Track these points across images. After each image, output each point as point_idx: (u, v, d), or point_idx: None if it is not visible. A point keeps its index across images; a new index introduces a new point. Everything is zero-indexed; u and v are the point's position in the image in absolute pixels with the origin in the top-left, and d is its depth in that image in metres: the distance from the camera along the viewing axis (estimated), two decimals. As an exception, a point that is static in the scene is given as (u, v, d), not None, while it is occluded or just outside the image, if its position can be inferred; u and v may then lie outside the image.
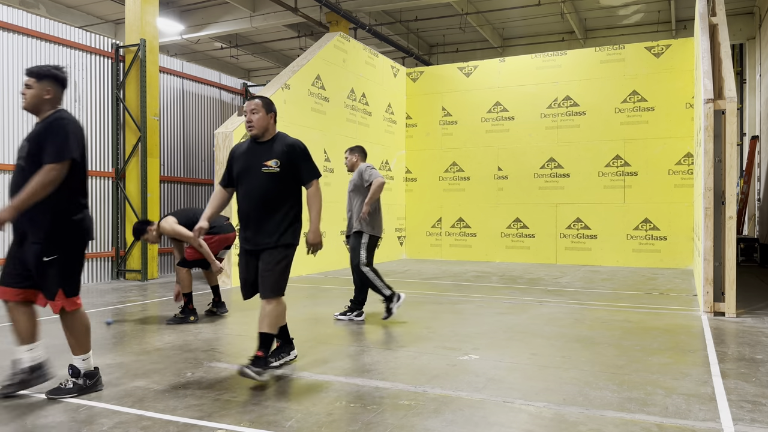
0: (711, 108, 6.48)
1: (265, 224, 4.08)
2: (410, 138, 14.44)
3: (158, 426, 3.18)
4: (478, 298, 7.85)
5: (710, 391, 3.80)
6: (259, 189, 4.08)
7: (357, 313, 6.29)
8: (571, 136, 12.77)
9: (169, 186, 11.21)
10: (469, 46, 18.85)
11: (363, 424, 3.20)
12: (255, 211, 4.10)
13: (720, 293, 6.48)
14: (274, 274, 4.02)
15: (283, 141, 4.19)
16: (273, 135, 4.23)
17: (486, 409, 3.45)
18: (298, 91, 10.54)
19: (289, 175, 4.12)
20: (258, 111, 4.15)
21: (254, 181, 4.10)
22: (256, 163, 4.11)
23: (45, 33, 8.95)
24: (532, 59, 13.30)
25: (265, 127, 4.17)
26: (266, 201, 4.08)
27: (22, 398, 3.65)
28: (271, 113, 4.21)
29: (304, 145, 4.23)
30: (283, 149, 4.13)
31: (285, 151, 4.13)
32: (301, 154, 4.17)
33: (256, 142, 4.22)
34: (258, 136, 4.18)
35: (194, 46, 18.22)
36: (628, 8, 15.68)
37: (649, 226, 12.09)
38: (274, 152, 4.12)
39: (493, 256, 13.40)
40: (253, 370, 3.85)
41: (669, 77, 12.02)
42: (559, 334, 5.52)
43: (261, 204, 4.08)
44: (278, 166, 4.08)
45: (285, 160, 4.11)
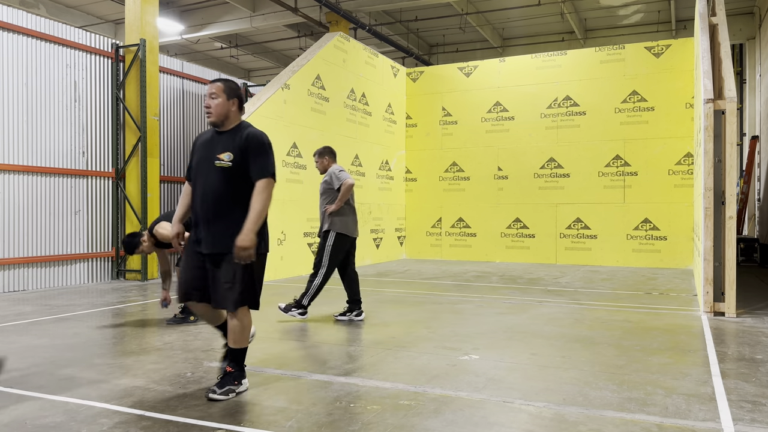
0: (711, 108, 6.48)
1: (217, 227, 3.60)
2: (410, 138, 14.44)
3: (158, 426, 3.18)
4: (478, 298, 7.85)
5: (710, 391, 3.79)
6: (211, 185, 3.61)
7: (356, 313, 6.30)
8: (571, 136, 12.77)
9: (169, 186, 11.21)
10: (469, 46, 18.86)
11: (363, 424, 3.20)
12: (206, 210, 3.64)
13: (720, 293, 6.48)
14: (235, 286, 3.56)
15: (242, 132, 3.66)
16: (235, 124, 3.71)
17: (486, 409, 3.45)
18: (298, 91, 10.54)
19: (244, 171, 3.61)
20: (217, 96, 3.66)
21: (207, 176, 3.63)
22: (211, 155, 3.64)
23: (45, 33, 8.94)
24: (532, 59, 13.30)
25: (224, 114, 3.66)
26: (218, 200, 3.61)
27: (22, 398, 3.65)
28: (233, 99, 3.69)
29: (264, 139, 3.67)
30: (239, 141, 3.61)
31: (241, 144, 3.61)
32: (256, 147, 3.62)
33: (217, 132, 3.73)
34: (217, 124, 3.69)
35: (194, 46, 18.22)
36: (628, 8, 15.68)
37: (649, 226, 12.09)
38: (230, 144, 3.62)
39: (493, 256, 13.40)
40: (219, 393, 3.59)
41: (669, 77, 12.02)
42: (559, 334, 5.52)
43: (213, 203, 3.62)
44: (231, 161, 3.58)
45: (239, 154, 3.60)
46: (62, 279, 9.14)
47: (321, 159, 6.33)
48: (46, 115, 9.00)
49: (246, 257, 3.48)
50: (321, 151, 6.37)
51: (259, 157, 3.62)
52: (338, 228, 6.08)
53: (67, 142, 9.30)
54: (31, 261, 8.66)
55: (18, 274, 8.53)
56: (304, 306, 6.18)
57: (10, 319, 6.29)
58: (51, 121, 9.06)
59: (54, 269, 9.03)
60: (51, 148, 9.04)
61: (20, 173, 8.59)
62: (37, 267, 8.79)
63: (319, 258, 6.12)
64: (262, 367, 4.36)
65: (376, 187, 13.14)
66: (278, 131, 9.99)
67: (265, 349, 5.00)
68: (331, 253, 6.09)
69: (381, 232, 13.26)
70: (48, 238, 8.93)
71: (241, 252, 3.47)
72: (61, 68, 9.21)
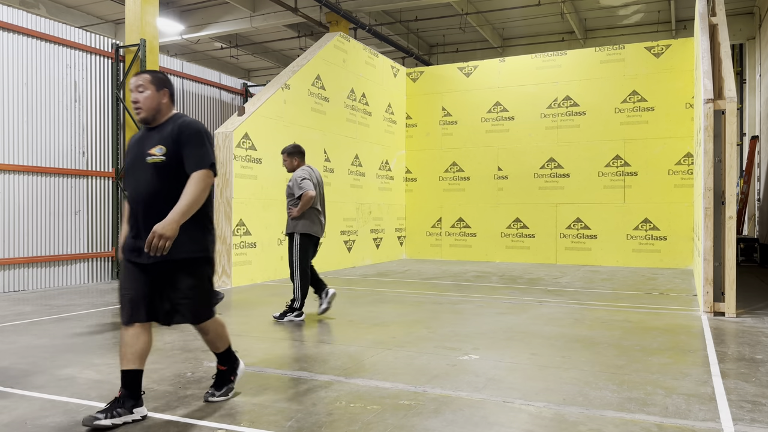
0: (711, 108, 6.48)
1: None
2: (410, 138, 14.44)
3: (158, 426, 3.18)
4: (478, 298, 7.85)
5: (710, 391, 3.80)
6: (144, 184, 3.24)
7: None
8: (571, 136, 12.78)
9: (169, 186, 11.20)
10: (469, 46, 18.85)
11: (363, 424, 3.20)
12: (142, 214, 3.22)
13: (720, 293, 6.48)
14: (190, 301, 3.27)
15: (174, 122, 3.32)
16: (167, 117, 3.38)
17: (486, 409, 3.45)
18: (298, 91, 10.55)
19: (180, 166, 3.24)
20: (146, 88, 3.31)
21: (140, 174, 3.27)
22: (142, 152, 3.28)
23: (45, 33, 8.94)
24: (532, 59, 13.31)
25: (155, 108, 3.31)
26: (153, 201, 3.22)
27: (22, 398, 3.65)
28: (163, 90, 3.34)
29: (199, 127, 3.30)
30: (171, 132, 3.26)
31: (173, 134, 3.25)
32: (189, 137, 3.25)
33: (148, 128, 3.38)
34: (147, 119, 3.33)
35: (194, 46, 18.22)
36: (628, 8, 15.68)
37: (649, 226, 12.09)
38: (162, 137, 3.26)
39: (493, 256, 13.40)
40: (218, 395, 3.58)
41: (669, 77, 12.02)
42: (559, 334, 5.52)
43: (148, 205, 3.22)
44: (164, 154, 3.21)
45: (172, 146, 3.23)
46: (62, 279, 9.14)
47: (290, 158, 6.26)
48: (46, 115, 9.00)
49: (158, 247, 3.04)
50: (290, 150, 6.28)
51: (194, 148, 3.25)
52: (301, 229, 6.12)
53: (67, 142, 9.30)
54: (31, 261, 8.66)
55: (18, 274, 8.53)
56: (298, 308, 6.21)
57: (10, 319, 6.29)
58: (51, 121, 9.06)
59: (54, 269, 9.03)
60: (51, 148, 9.04)
61: (20, 173, 8.59)
62: (37, 267, 8.79)
63: (291, 261, 6.19)
64: (262, 367, 4.36)
65: (376, 187, 13.14)
66: (278, 131, 9.99)
67: (265, 350, 5.00)
68: (300, 254, 6.14)
69: (381, 232, 13.26)
70: (48, 238, 8.93)
71: (157, 240, 3.04)
72: (61, 68, 9.21)
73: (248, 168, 9.27)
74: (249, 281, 9.23)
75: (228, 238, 8.90)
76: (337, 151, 11.67)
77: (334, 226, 11.51)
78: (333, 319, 6.35)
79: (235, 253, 8.93)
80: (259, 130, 9.53)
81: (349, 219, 12.03)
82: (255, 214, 9.36)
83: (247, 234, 9.21)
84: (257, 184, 9.43)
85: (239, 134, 9.08)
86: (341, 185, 11.81)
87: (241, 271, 9.06)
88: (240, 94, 13.14)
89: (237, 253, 8.99)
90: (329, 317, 6.44)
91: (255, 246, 9.34)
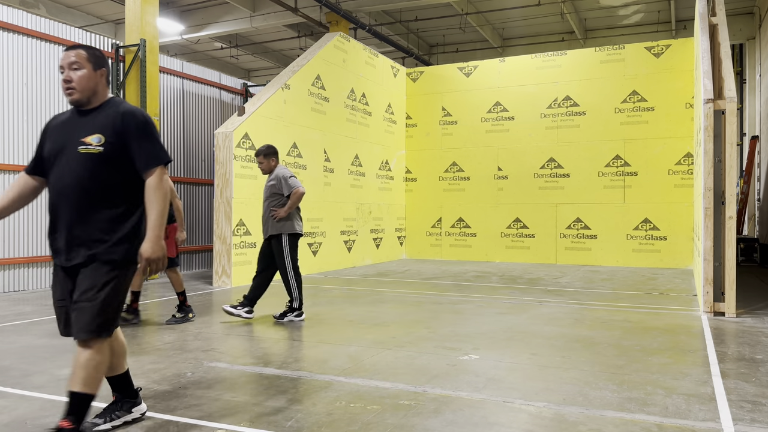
0: (711, 108, 6.48)
1: (79, 231, 2.80)
2: (410, 138, 14.44)
3: (158, 426, 3.18)
4: (478, 298, 7.85)
5: (710, 391, 3.79)
6: (71, 176, 2.81)
7: (248, 310, 6.15)
8: (571, 136, 12.78)
9: (169, 186, 11.20)
10: (469, 46, 18.85)
11: (363, 424, 3.20)
12: (66, 211, 2.82)
13: (720, 293, 6.48)
14: (92, 306, 2.73)
15: (115, 109, 2.88)
16: (104, 101, 2.92)
17: (486, 409, 3.45)
18: (298, 91, 10.54)
19: (119, 158, 2.82)
20: (82, 66, 2.85)
21: (68, 165, 2.82)
22: (73, 140, 2.83)
23: (45, 33, 8.94)
24: (532, 59, 13.31)
25: (91, 89, 2.87)
26: (82, 196, 2.80)
27: (22, 398, 3.65)
28: (101, 69, 2.90)
29: (146, 117, 2.91)
30: (113, 120, 2.83)
31: (114, 123, 2.83)
32: (137, 127, 2.84)
33: (79, 112, 2.92)
34: (81, 102, 2.88)
35: (194, 46, 18.22)
36: (628, 8, 15.68)
37: (649, 226, 12.09)
38: (99, 124, 2.83)
39: (493, 256, 13.40)
40: None
41: (669, 77, 12.02)
42: (559, 334, 5.52)
43: (75, 200, 2.80)
44: (101, 144, 2.78)
45: (113, 136, 2.81)
46: (62, 279, 9.13)
47: (267, 160, 6.16)
48: (46, 115, 8.99)
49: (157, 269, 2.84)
50: (267, 151, 6.18)
51: (145, 141, 2.86)
52: (289, 229, 6.05)
53: (67, 142, 9.30)
54: (31, 261, 8.66)
55: (18, 274, 8.53)
56: (298, 308, 6.18)
57: (10, 319, 6.29)
58: (51, 121, 9.06)
59: (54, 269, 9.02)
60: (51, 148, 9.04)
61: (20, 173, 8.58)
62: (37, 267, 8.79)
63: (282, 262, 6.06)
64: (262, 367, 4.36)
65: (376, 187, 13.14)
66: (278, 131, 9.99)
67: (265, 349, 5.00)
68: (291, 254, 6.07)
69: (381, 232, 13.26)
70: (48, 238, 8.92)
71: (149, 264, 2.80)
72: (61, 68, 9.21)
73: (248, 168, 9.27)
74: (249, 281, 9.20)
75: (228, 238, 8.90)
76: (337, 151, 11.67)
77: (334, 226, 11.52)
78: (333, 319, 6.35)
79: (235, 253, 8.94)
80: (259, 130, 9.53)
81: (349, 219, 12.03)
82: (255, 214, 9.36)
83: (247, 234, 9.21)
84: (257, 184, 9.42)
85: (239, 134, 9.08)
86: (341, 185, 11.81)
87: (241, 271, 9.06)
88: (240, 94, 13.14)
89: (237, 253, 8.99)
90: (328, 317, 6.43)
91: (255, 246, 9.34)
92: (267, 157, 6.16)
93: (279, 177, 6.08)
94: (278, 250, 6.06)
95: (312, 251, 10.81)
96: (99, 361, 2.77)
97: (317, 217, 10.98)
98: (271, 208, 6.05)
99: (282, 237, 6.03)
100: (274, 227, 6.04)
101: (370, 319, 6.33)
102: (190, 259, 11.70)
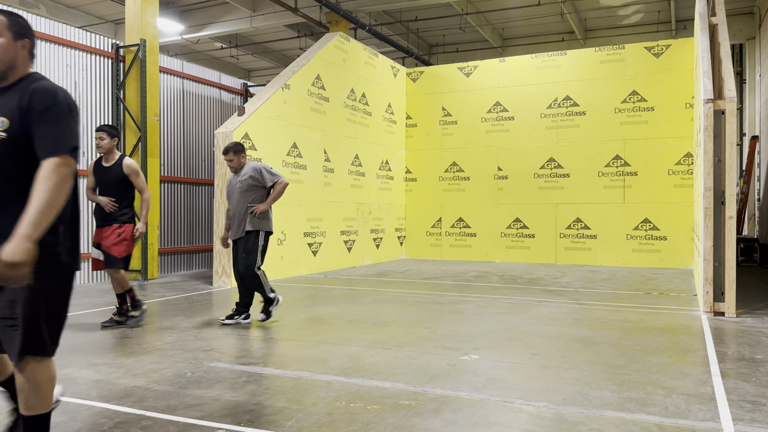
0: (711, 108, 6.48)
1: None
2: (410, 138, 14.44)
3: (158, 426, 3.18)
4: (478, 298, 7.86)
5: (710, 391, 3.80)
6: None
7: (245, 316, 6.04)
8: (571, 136, 12.78)
9: (169, 186, 11.21)
10: (469, 46, 18.86)
11: (363, 424, 3.20)
12: None
13: (720, 293, 6.48)
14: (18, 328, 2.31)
15: (26, 86, 2.40)
16: (22, 76, 2.46)
17: (486, 409, 3.45)
18: (298, 91, 10.55)
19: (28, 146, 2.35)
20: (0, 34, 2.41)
21: None
22: None
23: (45, 33, 8.94)
24: (532, 59, 13.31)
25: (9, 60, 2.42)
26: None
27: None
28: (22, 40, 2.47)
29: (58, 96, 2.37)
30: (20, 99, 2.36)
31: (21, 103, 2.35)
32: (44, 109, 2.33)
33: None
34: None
35: (194, 46, 18.23)
36: (628, 8, 15.68)
37: (649, 226, 12.09)
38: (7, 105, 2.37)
39: (493, 256, 13.40)
40: None
41: (669, 77, 12.02)
42: (559, 334, 5.52)
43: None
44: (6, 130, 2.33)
45: (19, 120, 2.34)
46: (62, 279, 9.12)
47: (237, 157, 6.04)
48: (46, 115, 8.99)
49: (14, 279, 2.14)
50: (236, 148, 6.06)
51: (50, 124, 2.33)
52: (267, 227, 5.95)
53: (67, 142, 9.29)
54: (31, 261, 8.64)
55: (18, 274, 8.51)
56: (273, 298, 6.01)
57: (10, 319, 6.28)
58: (51, 121, 9.05)
59: (54, 269, 9.01)
60: (51, 148, 9.03)
61: None
62: (37, 267, 8.77)
63: (253, 259, 5.85)
64: (262, 367, 4.36)
65: (376, 187, 13.14)
66: (278, 131, 9.99)
67: (265, 349, 5.00)
68: (263, 253, 5.93)
69: (381, 232, 13.26)
70: (48, 238, 8.91)
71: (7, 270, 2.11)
72: (61, 68, 9.21)
73: (248, 168, 9.26)
74: (249, 281, 9.23)
75: (228, 238, 8.89)
76: (337, 151, 11.67)
77: (334, 226, 11.52)
78: (333, 319, 6.35)
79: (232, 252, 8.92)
80: (259, 130, 9.53)
81: (349, 219, 12.04)
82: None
83: (247, 234, 9.20)
84: (257, 184, 9.42)
85: (239, 134, 9.08)
86: (341, 185, 11.81)
87: (241, 271, 9.05)
88: (240, 94, 13.14)
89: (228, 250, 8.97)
90: (329, 317, 6.43)
91: (255, 246, 9.34)
92: (237, 153, 6.03)
93: (258, 169, 5.95)
94: (253, 247, 5.85)
95: (312, 251, 10.81)
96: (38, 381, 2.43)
97: (317, 217, 10.98)
98: (250, 204, 5.86)
99: (260, 234, 5.88)
100: (253, 223, 5.86)
101: (370, 319, 6.33)
102: (190, 259, 11.70)
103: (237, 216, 5.94)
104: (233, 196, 6.01)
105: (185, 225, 11.55)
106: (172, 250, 11.17)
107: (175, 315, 6.54)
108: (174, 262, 11.30)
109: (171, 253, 11.18)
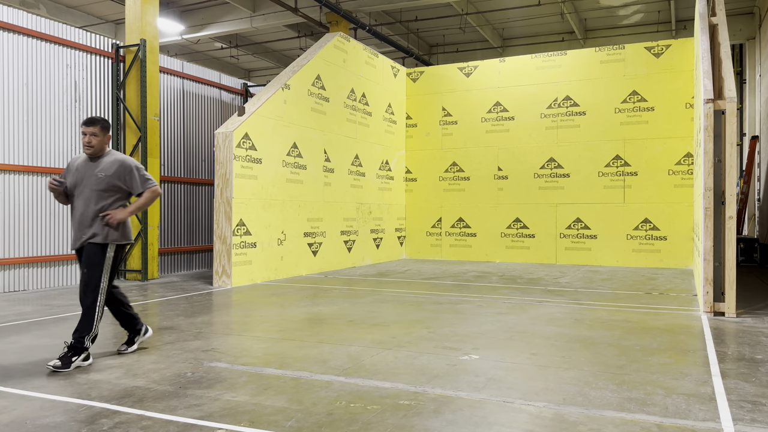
0: (711, 108, 6.48)
1: None
2: (410, 138, 14.44)
3: (158, 426, 3.18)
4: (478, 298, 7.85)
5: (710, 391, 3.80)
6: None
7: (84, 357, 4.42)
8: (571, 136, 12.78)
9: (169, 186, 11.21)
10: (469, 46, 18.85)
11: (363, 424, 3.20)
12: None
13: (720, 293, 6.48)
14: None
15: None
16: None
17: (486, 409, 3.45)
18: (298, 91, 10.54)
19: None
20: None
21: None
22: None
23: (45, 33, 8.94)
24: (532, 59, 13.31)
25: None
26: None
27: (22, 398, 3.65)
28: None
29: None
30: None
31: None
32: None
33: None
34: None
35: (194, 46, 18.22)
36: (628, 8, 15.68)
37: (649, 226, 12.09)
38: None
39: (493, 256, 13.40)
40: None
41: (669, 77, 12.02)
42: (559, 334, 5.52)
43: None
44: None
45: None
46: (62, 279, 9.14)
47: (103, 135, 4.53)
48: (46, 115, 9.00)
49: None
50: (105, 124, 4.55)
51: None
52: (120, 239, 4.58)
53: (67, 142, 9.30)
54: (31, 261, 8.66)
55: (18, 274, 8.53)
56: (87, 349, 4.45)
57: (10, 319, 6.29)
58: (51, 121, 9.06)
59: (54, 269, 9.03)
60: (51, 148, 9.04)
61: (20, 173, 8.59)
62: (37, 267, 8.79)
63: (97, 277, 4.45)
64: (262, 367, 4.36)
65: (376, 187, 13.14)
66: (278, 131, 9.99)
67: (265, 349, 5.00)
68: (111, 270, 4.56)
69: (381, 232, 13.26)
70: (48, 238, 8.93)
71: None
72: (61, 68, 9.21)
73: (248, 168, 9.27)
74: (249, 281, 9.23)
75: (228, 238, 8.90)
76: (337, 151, 11.67)
77: (334, 226, 11.52)
78: (333, 319, 6.35)
79: (235, 253, 8.93)
80: (259, 130, 9.53)
81: (349, 219, 12.04)
82: (255, 214, 9.36)
83: (247, 234, 9.21)
84: (257, 184, 9.42)
85: (239, 134, 9.08)
86: (341, 185, 11.81)
87: (241, 271, 9.06)
88: (240, 94, 13.14)
89: (237, 253, 8.98)
90: (329, 317, 6.43)
91: (255, 246, 9.34)
92: (104, 130, 4.54)
93: (129, 168, 4.60)
94: (97, 261, 4.46)
95: (312, 251, 10.81)
96: None
97: (317, 217, 10.99)
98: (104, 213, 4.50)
99: (108, 247, 4.51)
100: (102, 233, 4.49)
101: (370, 319, 6.33)
102: (190, 259, 11.70)
103: (82, 219, 4.52)
104: (81, 187, 4.54)
105: (185, 225, 11.55)
106: (172, 250, 11.17)
107: (175, 315, 6.54)
108: (174, 262, 11.31)
109: (171, 253, 11.18)
